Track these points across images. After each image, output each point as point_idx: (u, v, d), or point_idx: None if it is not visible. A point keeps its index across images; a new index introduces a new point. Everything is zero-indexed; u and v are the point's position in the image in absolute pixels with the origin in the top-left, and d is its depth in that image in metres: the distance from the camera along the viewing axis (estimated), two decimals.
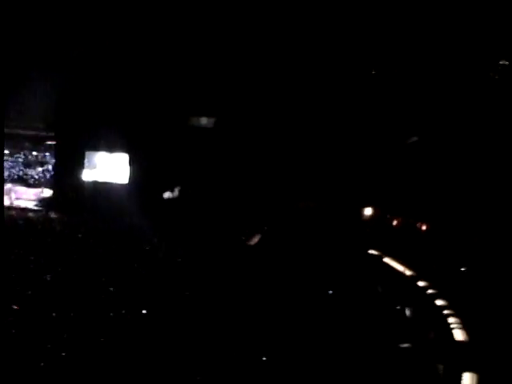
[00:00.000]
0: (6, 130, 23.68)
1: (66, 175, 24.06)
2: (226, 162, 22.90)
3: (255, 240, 20.88)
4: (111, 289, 13.33)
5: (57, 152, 24.59)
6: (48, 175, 25.45)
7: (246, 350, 10.05)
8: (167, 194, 23.74)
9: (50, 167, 25.27)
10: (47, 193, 24.83)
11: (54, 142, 24.67)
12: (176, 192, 23.75)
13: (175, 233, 20.62)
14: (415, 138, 22.44)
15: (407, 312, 13.21)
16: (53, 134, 24.43)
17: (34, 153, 25.27)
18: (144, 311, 11.69)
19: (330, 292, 14.26)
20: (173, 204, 23.58)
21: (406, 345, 10.73)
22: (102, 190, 23.66)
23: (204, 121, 23.57)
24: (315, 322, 11.96)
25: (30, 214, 23.10)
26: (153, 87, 23.17)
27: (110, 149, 23.79)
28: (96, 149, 23.82)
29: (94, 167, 23.91)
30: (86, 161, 23.84)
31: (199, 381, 8.78)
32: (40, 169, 25.62)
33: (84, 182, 23.97)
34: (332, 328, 11.62)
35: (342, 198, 22.71)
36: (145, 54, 22.90)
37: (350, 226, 22.52)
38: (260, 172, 22.90)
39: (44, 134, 24.79)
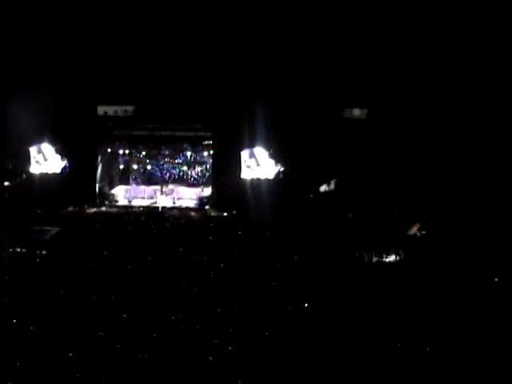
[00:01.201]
0: (165, 133, 25.88)
1: (223, 174, 24.77)
2: (379, 152, 22.89)
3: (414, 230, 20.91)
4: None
5: (214, 151, 25.58)
6: (207, 174, 27.24)
7: None
8: (323, 188, 24.10)
9: (209, 166, 26.87)
10: (207, 192, 26.17)
11: (211, 142, 25.79)
12: (332, 185, 24.12)
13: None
14: None
15: None
16: (210, 134, 25.51)
17: (193, 153, 27.03)
18: None
19: None
20: (329, 198, 23.85)
21: None
22: (259, 186, 24.13)
23: (357, 112, 23.84)
24: None
25: (192, 213, 24.26)
26: (306, 80, 23.58)
27: (266, 145, 24.15)
28: (251, 146, 24.18)
29: (250, 165, 24.29)
30: (242, 159, 24.28)
31: None
32: (199, 168, 27.24)
33: (242, 179, 24.46)
34: None
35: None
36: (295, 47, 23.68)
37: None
38: (415, 160, 22.61)
39: (202, 134, 25.96)
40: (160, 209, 24.62)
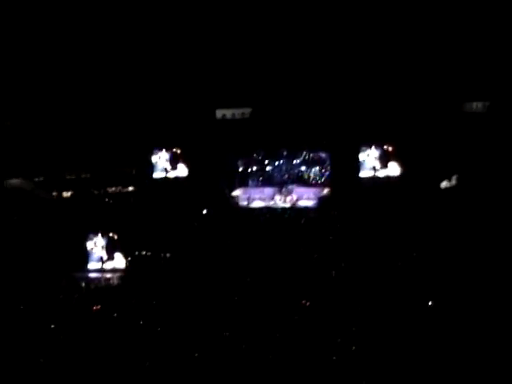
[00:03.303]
0: (283, 134, 26.53)
1: (343, 173, 25.32)
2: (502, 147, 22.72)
3: None
4: None
5: (333, 150, 25.78)
6: (326, 174, 26.97)
7: None
8: (444, 184, 24.09)
9: (328, 166, 26.51)
10: (326, 192, 26.16)
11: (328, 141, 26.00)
12: (453, 181, 24.02)
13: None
14: None
15: None
16: (328, 133, 25.63)
17: (311, 153, 26.93)
18: None
19: None
20: (451, 194, 23.76)
21: None
22: (379, 185, 24.44)
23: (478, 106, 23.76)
24: None
25: (311, 214, 24.72)
26: (424, 74, 23.96)
27: (385, 143, 24.38)
28: (370, 144, 24.52)
29: (369, 163, 24.70)
30: (361, 157, 24.68)
31: None
32: (318, 168, 27.74)
33: (362, 178, 24.84)
34: None
35: None
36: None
37: None
38: None
39: (321, 132, 25.93)
40: (279, 210, 25.22)
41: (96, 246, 22.72)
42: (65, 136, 25.20)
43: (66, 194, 25.45)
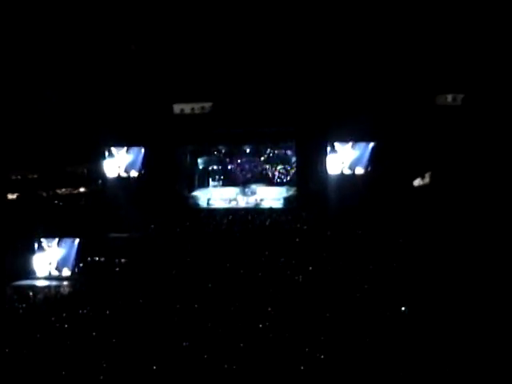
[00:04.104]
0: (246, 130, 25.88)
1: (309, 171, 24.60)
2: (477, 141, 22.17)
3: None
4: None
5: (298, 147, 25.35)
6: (291, 172, 26.61)
7: None
8: (417, 182, 23.49)
9: (293, 164, 26.34)
10: (290, 191, 25.79)
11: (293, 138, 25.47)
12: (427, 179, 23.45)
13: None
14: None
15: None
16: (293, 129, 24.96)
17: (275, 151, 26.76)
18: None
19: None
20: (425, 191, 23.22)
21: None
22: (347, 183, 23.83)
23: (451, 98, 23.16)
24: None
25: (277, 215, 24.03)
26: (395, 66, 23.10)
27: (353, 138, 23.85)
28: (337, 140, 23.93)
29: (337, 160, 24.00)
30: (328, 154, 23.96)
31: None
32: (283, 167, 27.11)
33: (329, 176, 24.06)
34: None
35: None
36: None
37: None
38: None
39: (285, 129, 25.28)
40: (242, 211, 24.59)
41: (44, 251, 22.07)
42: (9, 132, 23.83)
43: (12, 196, 24.57)
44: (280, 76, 23.80)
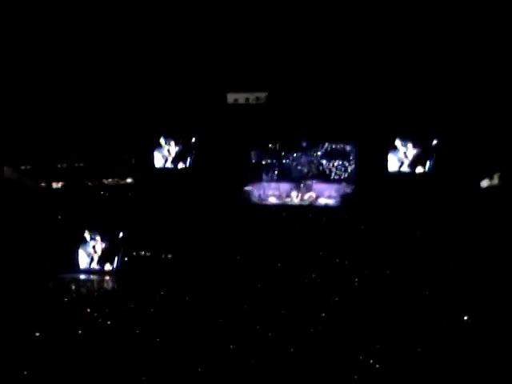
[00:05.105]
0: (303, 122, 25.67)
1: (369, 168, 24.02)
2: None
3: None
4: None
5: (358, 143, 24.59)
6: (350, 169, 26.24)
7: None
8: (485, 183, 22.52)
9: (352, 160, 25.39)
10: (349, 188, 24.99)
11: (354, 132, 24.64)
12: (495, 180, 22.51)
13: None
14: None
15: None
16: (353, 123, 24.26)
17: (334, 145, 26.22)
18: None
19: None
20: (493, 193, 22.26)
21: None
22: (411, 182, 23.17)
23: None
24: None
25: (332, 213, 23.61)
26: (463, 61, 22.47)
27: (417, 135, 23.11)
28: (400, 137, 23.32)
29: (400, 158, 23.43)
30: (390, 151, 23.44)
31: None
32: (341, 162, 26.68)
33: (390, 174, 23.51)
34: None
35: None
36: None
37: None
38: None
39: (345, 122, 24.77)
40: (296, 208, 24.16)
41: (89, 244, 21.78)
42: (56, 120, 23.81)
43: (56, 185, 24.32)
44: (342, 67, 23.29)
